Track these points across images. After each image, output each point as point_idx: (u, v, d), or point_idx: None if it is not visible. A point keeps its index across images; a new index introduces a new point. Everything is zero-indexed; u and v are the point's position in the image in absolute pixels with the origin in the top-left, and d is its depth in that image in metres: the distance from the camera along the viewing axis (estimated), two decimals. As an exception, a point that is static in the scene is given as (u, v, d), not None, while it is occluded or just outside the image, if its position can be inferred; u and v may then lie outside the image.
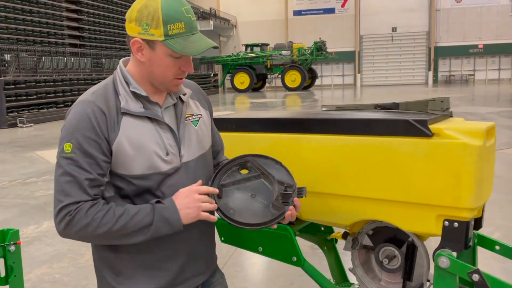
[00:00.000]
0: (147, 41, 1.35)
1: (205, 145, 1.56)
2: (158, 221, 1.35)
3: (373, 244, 1.86)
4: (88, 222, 1.31)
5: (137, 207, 1.36)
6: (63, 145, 1.34)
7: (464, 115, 12.73)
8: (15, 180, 7.36)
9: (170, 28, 1.33)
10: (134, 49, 1.38)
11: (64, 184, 1.32)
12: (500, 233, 4.27)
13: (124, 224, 1.33)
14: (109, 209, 1.33)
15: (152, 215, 1.35)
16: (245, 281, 3.63)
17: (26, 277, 3.64)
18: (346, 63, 40.52)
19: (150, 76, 1.41)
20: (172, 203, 1.37)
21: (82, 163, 1.32)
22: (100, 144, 1.34)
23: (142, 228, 1.34)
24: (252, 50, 35.37)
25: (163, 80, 1.41)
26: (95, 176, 1.34)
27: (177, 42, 1.33)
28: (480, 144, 1.52)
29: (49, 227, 5.02)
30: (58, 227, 1.34)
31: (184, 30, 1.34)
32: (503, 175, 6.46)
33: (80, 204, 1.32)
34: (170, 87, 1.43)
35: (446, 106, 1.88)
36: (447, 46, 38.54)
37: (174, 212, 1.36)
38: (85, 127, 1.34)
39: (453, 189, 1.53)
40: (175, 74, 1.40)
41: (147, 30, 1.34)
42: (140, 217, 1.34)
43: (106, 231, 1.32)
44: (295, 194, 1.48)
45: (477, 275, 1.53)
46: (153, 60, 1.38)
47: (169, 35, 1.33)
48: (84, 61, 20.95)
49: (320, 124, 1.78)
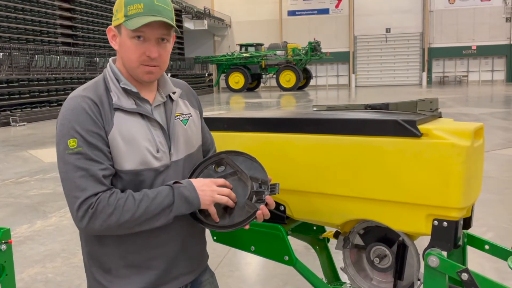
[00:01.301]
0: (117, 27, 1.41)
1: (195, 144, 1.57)
2: (178, 201, 1.36)
3: (364, 243, 1.87)
4: (111, 212, 1.31)
5: (155, 190, 1.37)
6: (66, 142, 1.32)
7: (458, 116, 12.82)
8: (7, 179, 7.32)
9: (129, 9, 1.36)
10: (110, 38, 1.44)
11: (78, 179, 1.31)
12: (493, 233, 4.31)
13: (146, 207, 1.33)
14: (128, 196, 1.34)
15: (172, 195, 1.36)
16: (239, 281, 3.63)
17: (19, 277, 3.63)
18: (341, 63, 40.61)
19: (125, 65, 1.43)
20: (190, 184, 1.39)
21: (91, 155, 1.32)
22: (101, 135, 1.36)
23: (164, 209, 1.35)
24: (247, 50, 35.38)
25: (131, 66, 1.41)
26: (106, 166, 1.34)
27: (132, 20, 1.35)
28: (468, 145, 1.53)
29: (42, 226, 5.01)
30: (81, 224, 1.32)
31: (142, 11, 1.35)
32: (496, 176, 6.51)
33: (100, 195, 1.31)
34: (140, 75, 1.42)
35: (435, 106, 1.90)
36: (440, 47, 38.74)
37: (193, 190, 1.37)
38: (84, 121, 1.34)
39: (442, 188, 1.54)
40: (139, 59, 1.39)
41: (115, 16, 1.40)
42: (161, 199, 1.35)
43: (129, 217, 1.32)
44: (267, 192, 1.46)
45: (466, 274, 1.55)
46: (121, 46, 1.41)
47: (127, 16, 1.36)
48: (78, 59, 20.88)
49: (311, 124, 1.80)
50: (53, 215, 5.40)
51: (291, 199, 1.88)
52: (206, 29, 36.59)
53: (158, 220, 1.35)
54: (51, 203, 5.88)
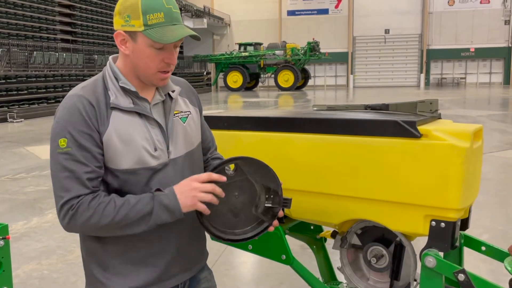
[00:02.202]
0: (129, 32, 1.38)
1: (194, 142, 1.56)
2: (158, 209, 1.35)
3: (362, 243, 1.87)
4: (90, 215, 1.32)
5: (137, 196, 1.37)
6: (57, 141, 1.34)
7: (456, 118, 12.82)
8: (4, 176, 7.30)
9: (149, 18, 1.34)
10: (118, 42, 1.42)
11: (63, 180, 1.33)
12: (489, 235, 4.32)
13: (125, 214, 1.33)
14: (110, 201, 1.34)
15: (152, 203, 1.35)
16: (235, 280, 3.63)
17: (14, 273, 3.62)
18: (339, 64, 40.62)
19: (135, 70, 1.42)
20: (172, 191, 1.37)
21: (78, 156, 1.33)
22: (93, 136, 1.36)
23: (143, 216, 1.35)
24: (246, 49, 35.35)
25: (147, 73, 1.41)
26: (92, 169, 1.35)
27: (156, 31, 1.34)
28: (467, 146, 1.54)
29: (38, 223, 5.00)
30: (62, 222, 1.35)
31: (163, 20, 1.35)
32: (493, 178, 6.53)
33: (81, 198, 1.33)
34: (155, 81, 1.43)
35: (435, 108, 1.91)
36: (439, 49, 38.81)
37: (173, 198, 1.36)
38: (77, 121, 1.35)
39: (440, 189, 1.55)
40: (158, 67, 1.40)
41: (129, 22, 1.37)
42: (141, 206, 1.35)
43: (108, 222, 1.33)
44: (280, 207, 1.44)
45: (462, 275, 1.56)
46: (135, 52, 1.39)
47: (148, 25, 1.35)
48: (76, 57, 20.82)
49: (310, 124, 1.80)
50: (49, 212, 5.38)
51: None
52: (205, 27, 36.51)
53: (138, 226, 1.36)
54: (48, 199, 5.86)
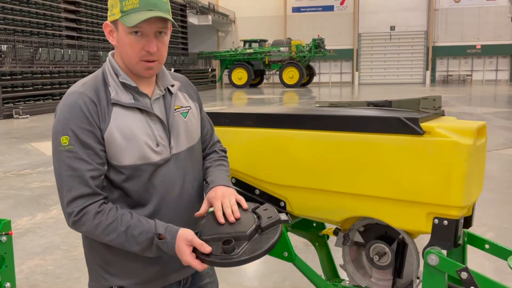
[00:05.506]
0: (113, 22, 1.40)
1: (194, 137, 1.57)
2: (155, 250, 1.36)
3: (364, 240, 1.87)
4: (91, 229, 1.35)
5: (141, 227, 1.34)
6: (59, 138, 1.34)
7: (461, 115, 12.77)
8: (9, 171, 7.34)
9: (124, 4, 1.35)
10: (107, 33, 1.43)
11: (66, 178, 1.33)
12: (493, 233, 4.30)
13: (124, 241, 1.35)
14: (113, 221, 1.34)
15: (151, 245, 1.35)
16: (238, 276, 3.64)
17: (18, 269, 3.64)
18: (344, 61, 40.49)
19: (124, 61, 1.43)
20: (172, 245, 1.33)
21: (81, 154, 1.33)
22: (95, 133, 1.36)
23: (141, 249, 1.36)
24: (251, 46, 35.29)
25: (131, 62, 1.41)
26: (95, 166, 1.35)
27: (129, 17, 1.35)
28: (470, 143, 1.53)
29: (42, 219, 5.02)
30: (67, 222, 1.37)
31: (138, 6, 1.35)
32: (498, 176, 6.49)
33: (86, 205, 1.33)
34: (140, 71, 1.42)
35: (438, 104, 1.89)
36: (445, 46, 38.57)
37: (171, 249, 1.34)
38: (79, 118, 1.34)
39: (443, 187, 1.53)
40: (138, 55, 1.39)
41: (111, 11, 1.39)
42: (140, 240, 1.34)
43: (107, 240, 1.36)
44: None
45: (465, 273, 1.55)
46: (119, 41, 1.40)
47: (124, 11, 1.35)
48: (81, 53, 20.86)
49: (313, 120, 1.79)
50: (54, 207, 5.41)
51: (291, 195, 1.87)
52: (210, 24, 36.49)
53: (135, 251, 1.37)
54: (52, 195, 5.88)
